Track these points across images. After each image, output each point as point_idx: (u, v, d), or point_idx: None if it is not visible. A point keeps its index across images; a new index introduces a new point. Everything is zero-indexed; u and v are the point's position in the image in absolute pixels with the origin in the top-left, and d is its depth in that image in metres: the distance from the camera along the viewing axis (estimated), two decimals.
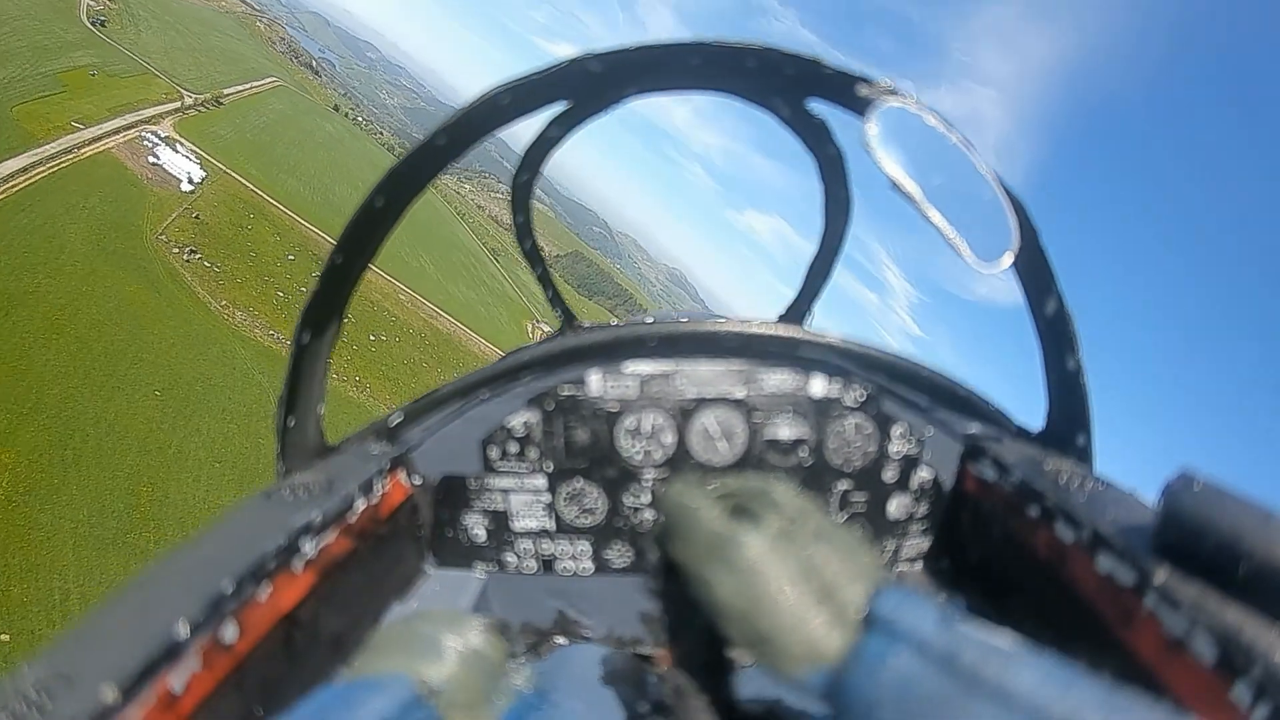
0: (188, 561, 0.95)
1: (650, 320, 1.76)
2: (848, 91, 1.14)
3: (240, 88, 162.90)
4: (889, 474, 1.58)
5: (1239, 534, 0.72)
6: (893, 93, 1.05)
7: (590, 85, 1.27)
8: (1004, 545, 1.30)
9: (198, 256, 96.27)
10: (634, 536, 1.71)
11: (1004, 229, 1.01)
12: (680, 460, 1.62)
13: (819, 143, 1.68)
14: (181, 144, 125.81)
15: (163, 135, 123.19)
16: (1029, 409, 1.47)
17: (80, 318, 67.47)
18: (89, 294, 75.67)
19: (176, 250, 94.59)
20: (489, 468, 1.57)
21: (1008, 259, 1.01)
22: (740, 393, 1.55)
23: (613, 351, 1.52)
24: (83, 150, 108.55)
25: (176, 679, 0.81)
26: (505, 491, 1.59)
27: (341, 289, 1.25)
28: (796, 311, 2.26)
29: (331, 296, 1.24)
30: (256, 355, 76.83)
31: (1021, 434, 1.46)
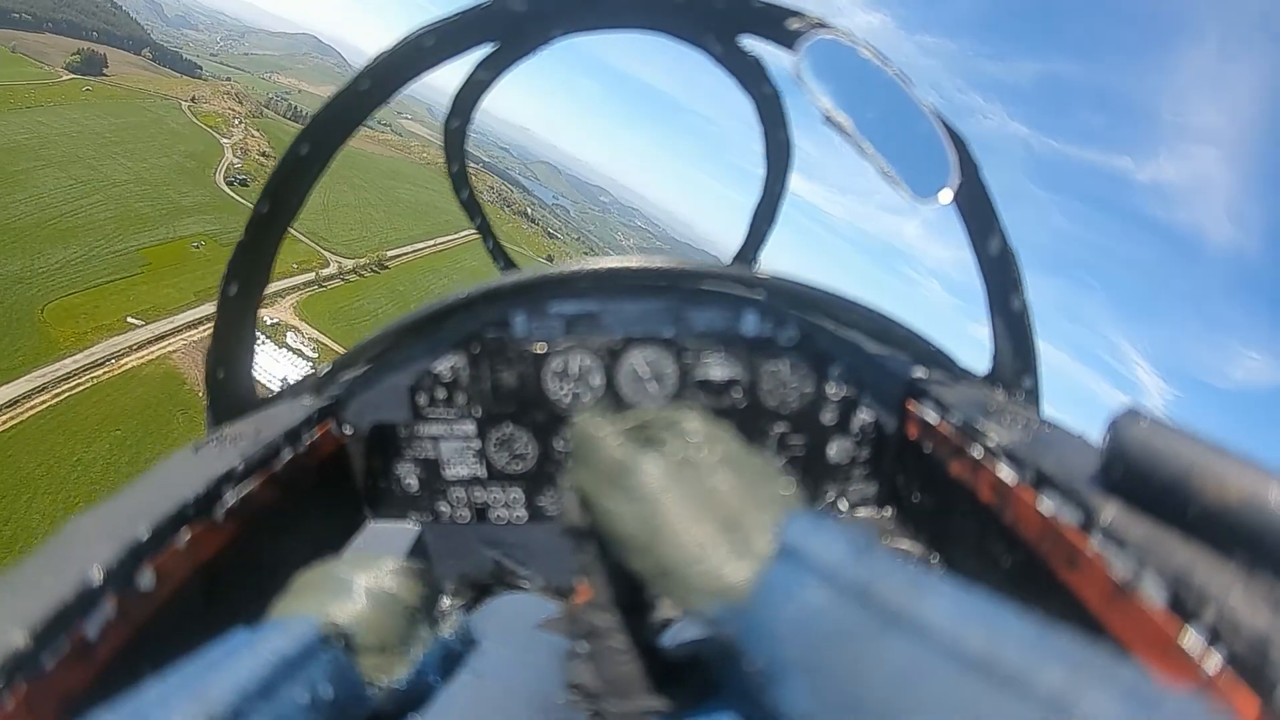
0: (107, 513, 0.94)
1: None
2: (778, 25, 1.13)
3: (420, 246, 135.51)
4: (827, 416, 1.51)
5: (1189, 470, 0.71)
6: (823, 25, 1.05)
7: (516, 25, 1.27)
8: (947, 489, 1.26)
9: None
10: None
11: (944, 165, 0.98)
12: (610, 402, 1.56)
13: (754, 82, 1.66)
14: (299, 331, 77.16)
15: (270, 322, 73.32)
16: None
17: None
18: None
19: None
20: (418, 415, 1.53)
21: (947, 195, 0.99)
22: (669, 332, 1.49)
23: (537, 292, 1.47)
24: (123, 361, 70.02)
25: (91, 626, 0.79)
26: (435, 439, 1.55)
27: (268, 239, 1.23)
28: (742, 259, 2.21)
29: (258, 247, 1.21)
30: None
31: (966, 376, 1.43)
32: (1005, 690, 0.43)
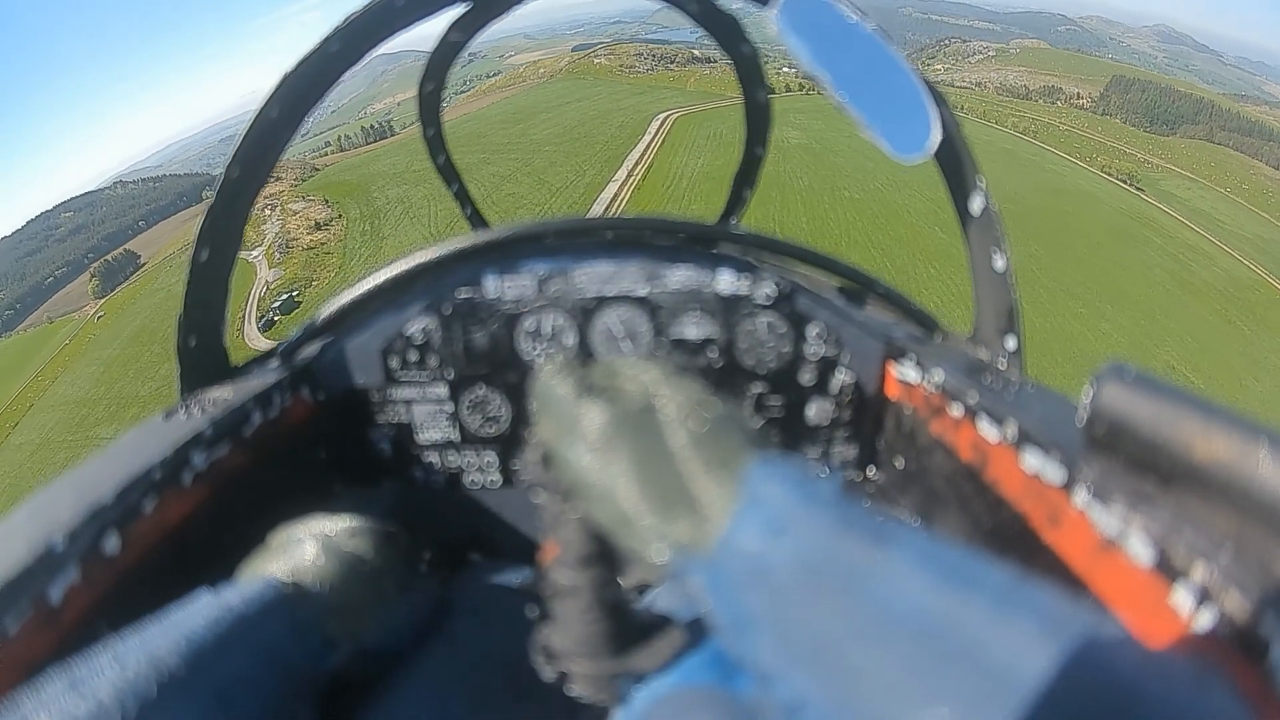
0: (74, 480, 0.95)
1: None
2: None
3: (618, 176, 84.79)
4: (806, 376, 1.47)
5: (1176, 426, 0.68)
6: None
7: None
8: (928, 449, 1.26)
9: None
10: None
11: (924, 121, 1.00)
12: (582, 361, 1.34)
13: (732, 40, 1.67)
14: None
15: None
16: None
17: None
18: None
19: None
20: (390, 379, 1.51)
21: (928, 150, 1.01)
22: (643, 290, 1.46)
23: (508, 250, 1.46)
24: None
25: (54, 591, 0.80)
26: (408, 403, 1.53)
27: (239, 204, 1.22)
28: (723, 221, 2.21)
29: (230, 212, 1.21)
30: None
31: (947, 337, 1.41)
32: (971, 645, 0.41)
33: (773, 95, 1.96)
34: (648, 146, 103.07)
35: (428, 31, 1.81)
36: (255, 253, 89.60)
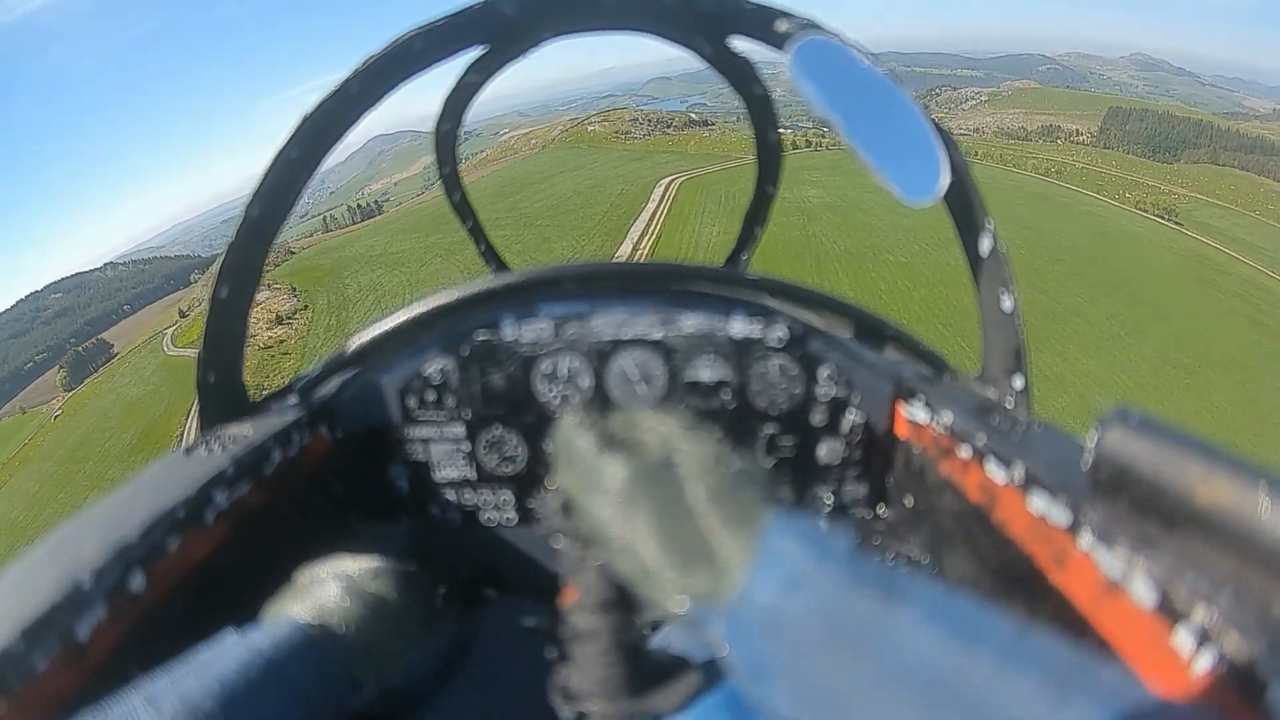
0: (98, 516, 0.97)
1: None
2: (767, 27, 1.15)
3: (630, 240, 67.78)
4: (817, 417, 1.50)
5: (1180, 469, 0.70)
6: (813, 26, 1.07)
7: (506, 28, 1.29)
8: (937, 489, 1.28)
9: None
10: None
11: (934, 164, 1.01)
12: (599, 404, 1.55)
13: (744, 82, 1.74)
14: None
15: None
16: None
17: None
18: None
19: None
20: (408, 418, 1.53)
21: (938, 192, 1.02)
22: (658, 334, 1.48)
23: (525, 294, 1.49)
24: None
25: (82, 628, 0.81)
26: (425, 441, 1.55)
27: (260, 242, 1.25)
28: (733, 261, 2.32)
29: (250, 250, 1.24)
30: None
31: (955, 376, 1.43)
32: (977, 698, 0.43)
33: (784, 153, 2.07)
34: (653, 215, 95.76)
35: (427, 111, 2.07)
36: None
